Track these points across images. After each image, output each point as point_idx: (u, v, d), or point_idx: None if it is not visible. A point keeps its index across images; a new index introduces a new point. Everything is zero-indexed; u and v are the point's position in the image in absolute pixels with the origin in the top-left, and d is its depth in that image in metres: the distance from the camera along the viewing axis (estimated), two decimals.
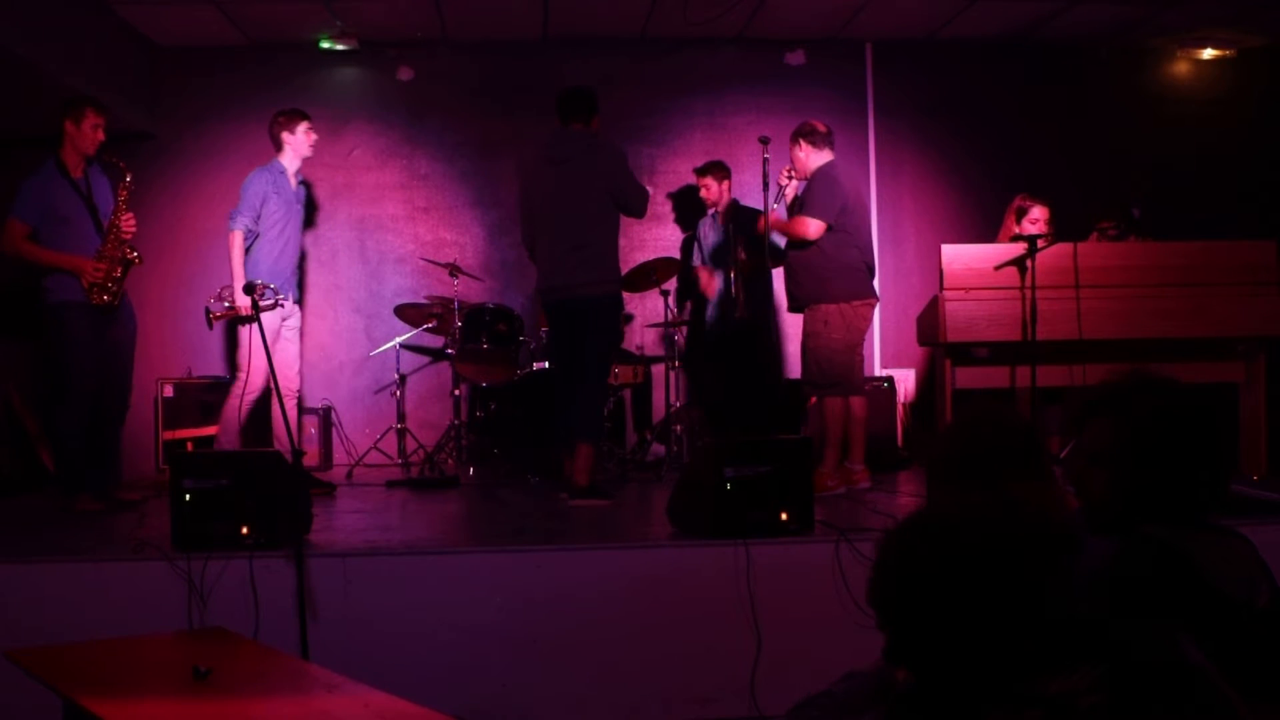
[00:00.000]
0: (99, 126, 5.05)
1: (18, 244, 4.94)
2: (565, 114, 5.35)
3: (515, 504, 5.35)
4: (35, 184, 4.96)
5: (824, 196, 5.26)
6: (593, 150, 5.28)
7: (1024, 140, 7.42)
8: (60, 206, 4.98)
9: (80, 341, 4.98)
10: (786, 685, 3.75)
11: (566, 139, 5.31)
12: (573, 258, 5.19)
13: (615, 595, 3.83)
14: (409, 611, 3.77)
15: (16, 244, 4.94)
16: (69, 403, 4.99)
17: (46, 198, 4.97)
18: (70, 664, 2.63)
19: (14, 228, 4.93)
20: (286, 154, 5.68)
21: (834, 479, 5.27)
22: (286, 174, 5.65)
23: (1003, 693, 1.39)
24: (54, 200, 4.97)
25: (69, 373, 4.98)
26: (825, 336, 5.26)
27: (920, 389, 7.32)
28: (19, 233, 4.93)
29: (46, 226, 4.97)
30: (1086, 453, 1.89)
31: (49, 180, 4.99)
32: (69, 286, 4.97)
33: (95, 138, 5.05)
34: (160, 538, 3.92)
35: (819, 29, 7.36)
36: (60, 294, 4.97)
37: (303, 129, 5.68)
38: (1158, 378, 1.87)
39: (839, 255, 5.26)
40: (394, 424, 6.95)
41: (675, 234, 7.56)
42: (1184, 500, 1.80)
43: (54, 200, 4.97)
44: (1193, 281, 5.60)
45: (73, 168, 5.04)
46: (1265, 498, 4.56)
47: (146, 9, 6.61)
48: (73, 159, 5.04)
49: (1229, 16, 7.02)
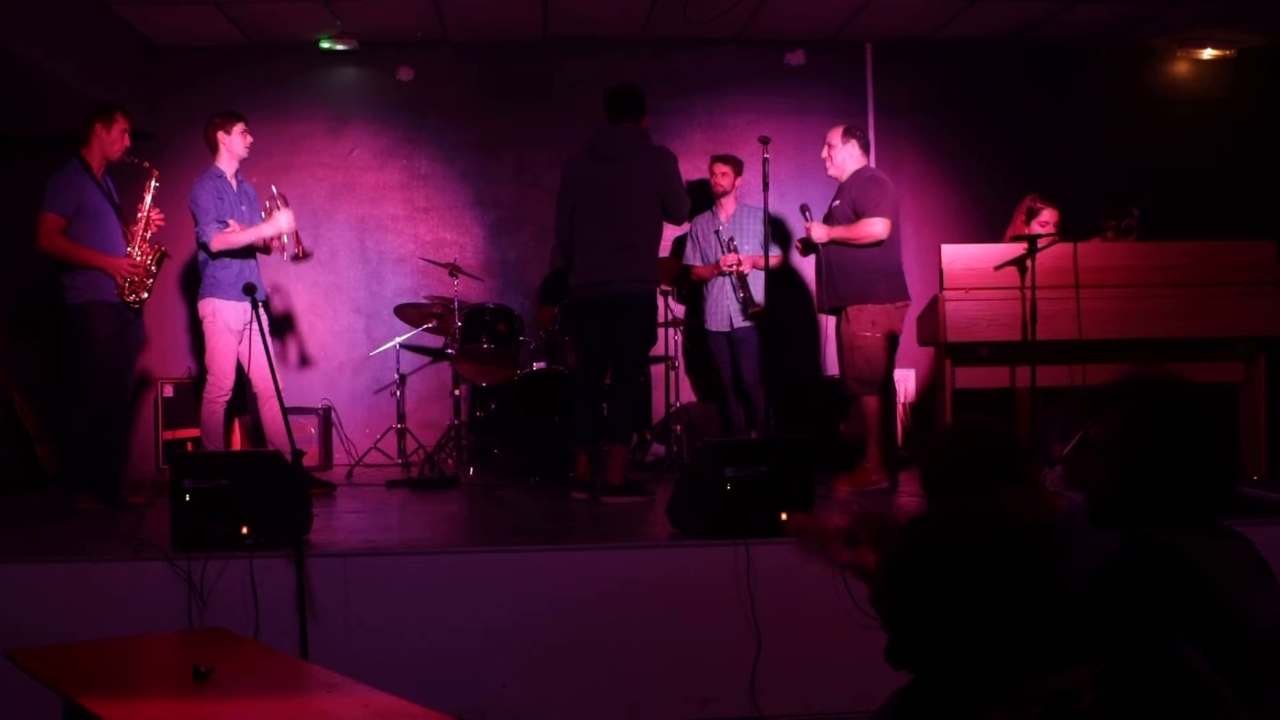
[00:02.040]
0: (126, 131, 5.14)
1: (56, 239, 4.93)
2: (616, 112, 5.30)
3: (515, 504, 5.36)
4: (65, 181, 4.97)
5: (879, 195, 5.43)
6: (646, 150, 5.27)
7: (1024, 140, 7.42)
8: (90, 204, 5.02)
9: (105, 341, 5.00)
10: (786, 685, 3.78)
11: (617, 137, 5.27)
12: (619, 254, 5.15)
13: (615, 595, 3.83)
14: (409, 611, 3.77)
15: (55, 239, 4.93)
16: (87, 402, 4.99)
17: (78, 194, 4.98)
18: (70, 664, 2.62)
19: (51, 222, 4.92)
20: (222, 157, 5.55)
21: (878, 474, 5.48)
22: (225, 177, 5.55)
23: (1004, 690, 1.39)
24: (84, 197, 5.00)
25: (92, 372, 4.98)
26: (872, 337, 5.43)
27: (920, 389, 7.32)
28: (57, 227, 4.93)
29: (76, 223, 4.98)
30: (1093, 445, 1.89)
31: (77, 177, 5.01)
32: (98, 285, 4.98)
33: (123, 142, 5.12)
34: (160, 538, 3.92)
35: (819, 29, 7.36)
36: (88, 293, 4.97)
37: (238, 130, 5.55)
38: (1170, 376, 1.87)
39: (886, 257, 5.45)
40: (394, 424, 6.95)
41: (675, 233, 7.54)
42: (1187, 500, 1.80)
43: (84, 197, 5.00)
44: (1193, 281, 5.59)
45: (96, 169, 5.07)
46: (1265, 498, 4.56)
47: (146, 9, 6.61)
48: (96, 160, 5.08)
49: (1229, 16, 7.02)
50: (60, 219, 4.93)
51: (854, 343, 5.49)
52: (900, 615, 1.46)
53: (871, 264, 5.43)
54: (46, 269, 5.20)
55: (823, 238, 5.54)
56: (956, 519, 1.47)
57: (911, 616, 1.45)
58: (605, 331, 5.29)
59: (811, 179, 7.07)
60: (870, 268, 5.43)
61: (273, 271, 7.17)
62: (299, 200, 7.18)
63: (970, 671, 1.41)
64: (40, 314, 5.10)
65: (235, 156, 5.61)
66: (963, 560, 1.42)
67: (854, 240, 5.45)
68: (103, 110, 5.11)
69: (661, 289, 6.73)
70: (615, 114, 5.29)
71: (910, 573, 1.46)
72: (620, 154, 5.22)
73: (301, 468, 6.03)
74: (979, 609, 1.40)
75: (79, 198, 4.97)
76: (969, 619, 1.40)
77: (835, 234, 5.50)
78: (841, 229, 5.49)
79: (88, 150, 5.06)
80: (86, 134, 5.06)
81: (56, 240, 4.93)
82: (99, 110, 5.11)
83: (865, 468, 5.49)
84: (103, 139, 5.06)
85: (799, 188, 6.85)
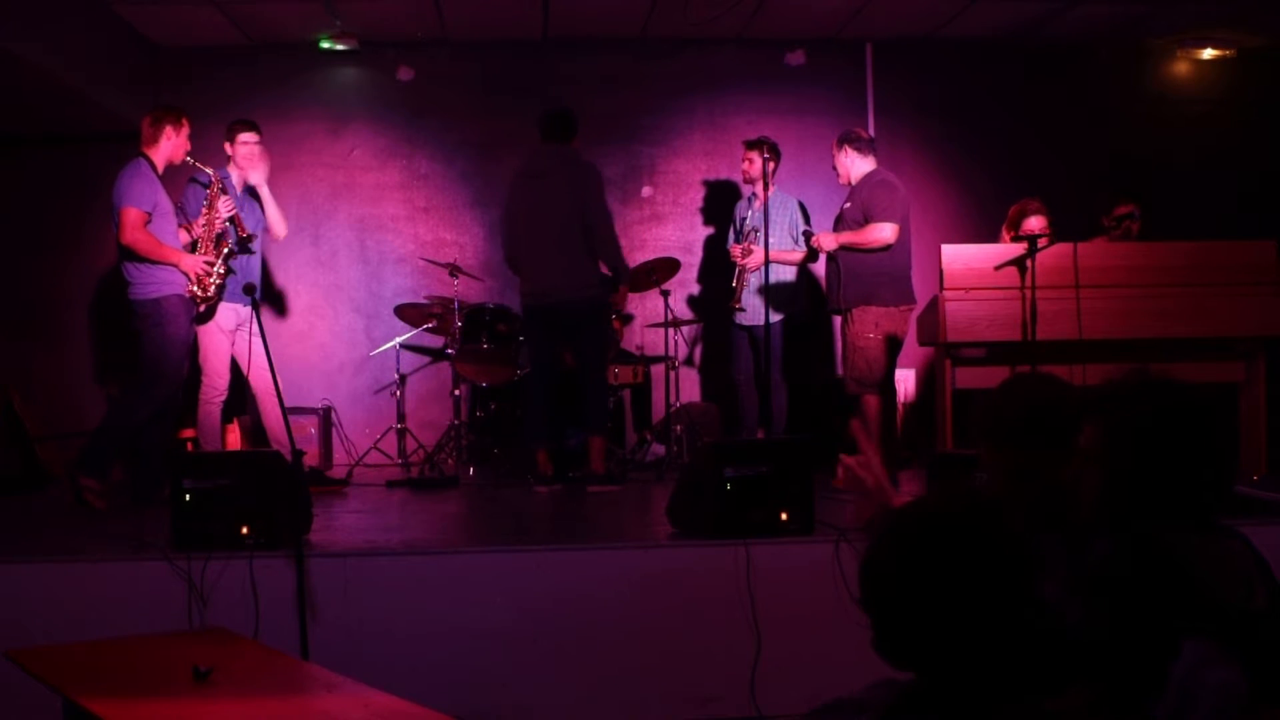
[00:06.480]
0: (189, 135, 5.22)
1: (141, 233, 4.95)
2: (547, 132, 5.69)
3: (515, 504, 5.36)
4: (141, 178, 5.01)
5: (888, 200, 5.46)
6: (571, 165, 5.62)
7: (1024, 140, 7.42)
8: (161, 201, 5.08)
9: (180, 334, 5.08)
10: (786, 685, 3.77)
11: (546, 154, 5.67)
12: (558, 265, 5.56)
13: (615, 595, 3.83)
14: (409, 611, 3.77)
15: (140, 233, 4.95)
16: (151, 394, 5.05)
17: (154, 193, 5.03)
18: (70, 664, 2.63)
19: (135, 216, 4.94)
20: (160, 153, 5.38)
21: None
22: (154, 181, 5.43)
23: (995, 712, 1.39)
24: (156, 195, 5.05)
25: (165, 365, 5.03)
26: (876, 339, 5.46)
27: (920, 389, 7.32)
28: (141, 221, 4.95)
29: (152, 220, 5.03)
30: (1083, 452, 1.89)
31: (148, 174, 5.05)
32: (171, 280, 5.04)
33: (186, 147, 5.20)
34: (160, 538, 3.92)
35: (819, 29, 7.36)
36: (164, 287, 5.02)
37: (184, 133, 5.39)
38: (1156, 378, 1.87)
39: (893, 260, 5.48)
40: (394, 424, 6.94)
41: (675, 234, 7.56)
42: (1180, 500, 1.80)
43: (156, 195, 5.05)
44: (1193, 281, 5.60)
45: (159, 169, 5.13)
46: (1265, 498, 4.56)
47: (146, 9, 6.61)
48: (161, 160, 5.14)
49: (1229, 16, 7.02)
50: (143, 214, 4.96)
51: (855, 343, 5.52)
52: (874, 604, 1.46)
53: (878, 267, 5.46)
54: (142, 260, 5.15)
55: (831, 245, 5.58)
56: (957, 503, 1.47)
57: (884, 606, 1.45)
58: (554, 336, 5.74)
59: (812, 179, 7.08)
60: (877, 270, 5.46)
61: (273, 271, 7.18)
62: (299, 200, 7.20)
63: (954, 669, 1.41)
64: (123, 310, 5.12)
65: (240, 165, 5.58)
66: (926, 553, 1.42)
67: (862, 245, 5.47)
68: (173, 113, 5.20)
69: (661, 289, 6.75)
70: (546, 134, 5.69)
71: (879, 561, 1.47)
72: (548, 170, 5.61)
73: (312, 467, 6.09)
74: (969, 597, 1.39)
75: (155, 196, 5.03)
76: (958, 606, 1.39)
77: (843, 239, 5.53)
78: (849, 234, 5.52)
79: (154, 150, 5.12)
80: (155, 135, 5.12)
81: (141, 234, 4.95)
82: (170, 112, 5.20)
83: None
84: (172, 140, 5.14)
85: (799, 188, 6.83)
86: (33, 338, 7.17)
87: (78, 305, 7.21)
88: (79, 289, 7.18)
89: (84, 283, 7.15)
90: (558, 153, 5.65)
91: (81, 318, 7.24)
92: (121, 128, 6.11)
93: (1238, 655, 1.57)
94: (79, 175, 6.85)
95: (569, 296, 5.56)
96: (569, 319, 5.62)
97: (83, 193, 6.69)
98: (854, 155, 5.62)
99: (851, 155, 5.62)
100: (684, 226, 7.57)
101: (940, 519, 1.46)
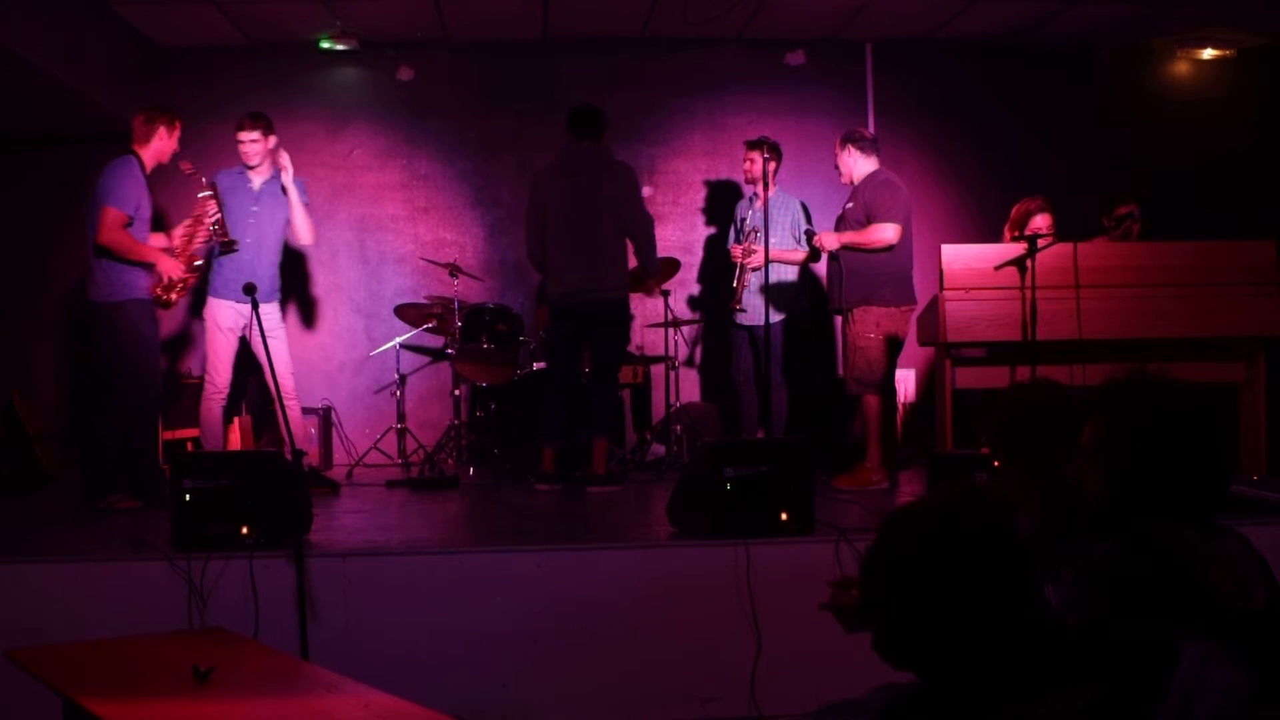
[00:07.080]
0: (179, 140, 5.21)
1: (118, 233, 4.92)
2: (580, 130, 5.59)
3: (515, 504, 5.36)
4: (129, 179, 4.98)
5: (891, 200, 5.47)
6: (609, 165, 5.57)
7: (1024, 140, 7.42)
8: (144, 204, 5.05)
9: (143, 338, 5.03)
10: (786, 685, 3.77)
11: (581, 153, 5.56)
12: (590, 266, 5.48)
13: (615, 595, 3.84)
14: (409, 611, 3.77)
15: (118, 233, 4.92)
16: (126, 400, 4.97)
17: (139, 195, 5.00)
18: (70, 664, 2.63)
19: (115, 216, 4.91)
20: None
21: (878, 474, 5.50)
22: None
23: (996, 713, 1.39)
24: (140, 196, 5.02)
25: (130, 370, 4.97)
26: (877, 339, 5.47)
27: (920, 389, 7.32)
28: (120, 222, 4.92)
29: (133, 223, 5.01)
30: (1083, 452, 1.89)
31: (137, 174, 5.02)
32: (134, 283, 4.99)
33: (175, 149, 5.19)
34: (160, 538, 3.92)
35: (819, 29, 7.36)
36: (123, 291, 4.97)
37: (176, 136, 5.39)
38: (1154, 378, 1.87)
39: (895, 261, 5.49)
40: (394, 424, 6.94)
41: (675, 234, 7.55)
42: (1180, 500, 1.80)
43: (140, 196, 5.02)
44: (1193, 281, 5.59)
45: (147, 168, 5.10)
46: (1265, 498, 4.55)
47: (146, 9, 6.61)
48: (150, 160, 5.11)
49: (1229, 16, 7.02)
50: (124, 215, 4.93)
51: (856, 343, 5.53)
52: (890, 596, 1.46)
53: (880, 267, 5.47)
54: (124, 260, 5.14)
55: (833, 245, 5.58)
56: (957, 503, 1.47)
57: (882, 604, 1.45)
58: (580, 337, 5.70)
59: (812, 179, 7.08)
60: (878, 270, 5.47)
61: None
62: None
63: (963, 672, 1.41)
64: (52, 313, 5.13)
65: (252, 159, 5.56)
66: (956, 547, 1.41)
67: (864, 245, 5.48)
68: (167, 114, 5.17)
69: (661, 290, 6.75)
70: (579, 132, 5.59)
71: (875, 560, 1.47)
72: (584, 169, 5.52)
73: (312, 467, 6.09)
74: (970, 597, 1.39)
75: (138, 196, 5.00)
76: (958, 607, 1.39)
77: (845, 240, 5.53)
78: (851, 235, 5.52)
79: (144, 149, 5.08)
80: (148, 134, 5.09)
81: (120, 235, 4.92)
82: (164, 113, 5.17)
83: (865, 468, 5.51)
84: (164, 141, 5.11)
85: (799, 188, 6.83)
86: (33, 338, 7.17)
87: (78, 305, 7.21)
88: (79, 289, 7.17)
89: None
90: (592, 151, 5.56)
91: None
92: (121, 128, 6.08)
93: (1239, 655, 1.57)
94: (79, 175, 6.79)
95: (600, 297, 5.51)
96: (595, 318, 5.58)
97: (82, 193, 6.66)
98: (857, 155, 5.62)
99: (854, 155, 5.62)
100: (684, 226, 7.57)
101: (941, 519, 1.46)
